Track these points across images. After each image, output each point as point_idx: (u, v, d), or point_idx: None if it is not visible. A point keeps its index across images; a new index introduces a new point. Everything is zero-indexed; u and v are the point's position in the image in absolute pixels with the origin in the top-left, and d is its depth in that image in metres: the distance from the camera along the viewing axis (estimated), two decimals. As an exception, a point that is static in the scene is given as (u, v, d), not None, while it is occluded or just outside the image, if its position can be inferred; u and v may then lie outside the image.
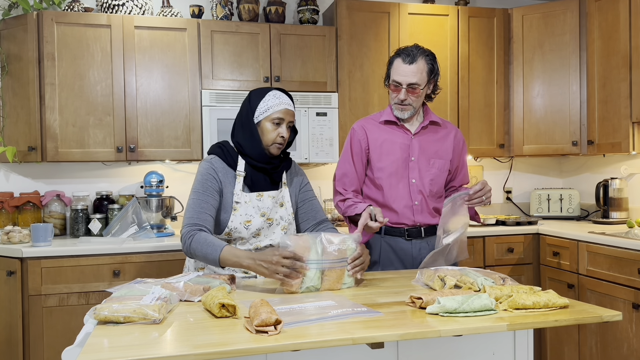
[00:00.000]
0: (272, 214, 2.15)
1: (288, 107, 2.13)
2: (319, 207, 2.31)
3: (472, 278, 1.84)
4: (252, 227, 2.11)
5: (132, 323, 1.47)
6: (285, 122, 2.12)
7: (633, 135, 3.29)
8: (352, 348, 1.61)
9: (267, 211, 2.13)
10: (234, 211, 2.10)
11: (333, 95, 3.55)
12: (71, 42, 3.23)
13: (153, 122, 3.35)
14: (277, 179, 2.19)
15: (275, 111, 2.10)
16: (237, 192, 2.11)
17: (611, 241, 2.95)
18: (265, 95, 2.14)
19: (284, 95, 2.16)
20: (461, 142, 2.52)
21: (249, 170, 2.13)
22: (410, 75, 2.30)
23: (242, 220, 2.10)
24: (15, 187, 3.50)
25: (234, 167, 2.14)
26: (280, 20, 3.63)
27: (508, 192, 4.29)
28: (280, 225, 2.18)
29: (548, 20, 3.78)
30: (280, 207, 2.19)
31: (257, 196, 2.13)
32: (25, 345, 2.89)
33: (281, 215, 2.18)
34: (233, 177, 2.13)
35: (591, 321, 1.57)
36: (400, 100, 2.35)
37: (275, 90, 2.16)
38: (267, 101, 2.12)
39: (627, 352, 2.87)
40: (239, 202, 2.10)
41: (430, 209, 2.41)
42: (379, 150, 2.42)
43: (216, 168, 2.12)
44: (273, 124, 2.11)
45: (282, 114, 2.11)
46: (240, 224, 2.10)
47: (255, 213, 2.12)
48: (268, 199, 2.15)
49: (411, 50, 2.33)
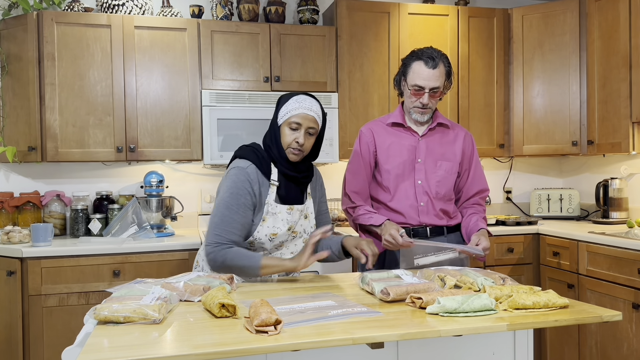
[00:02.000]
0: (296, 227, 2.13)
1: (307, 112, 2.05)
2: (329, 219, 2.30)
3: (472, 278, 1.84)
4: (277, 239, 2.08)
5: (132, 323, 1.47)
6: (304, 128, 2.04)
7: (633, 135, 3.29)
8: (352, 348, 1.61)
9: (294, 225, 2.10)
10: (263, 222, 2.05)
11: (333, 95, 3.55)
12: (71, 42, 3.23)
13: (153, 122, 3.35)
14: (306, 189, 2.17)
15: (293, 115, 2.04)
16: (271, 202, 2.06)
17: (611, 241, 2.95)
18: (290, 99, 2.09)
19: (308, 100, 2.08)
20: (471, 144, 2.50)
21: (282, 180, 2.08)
22: (433, 79, 2.30)
23: (268, 232, 2.05)
24: (15, 187, 3.50)
25: (268, 175, 2.08)
26: (280, 20, 3.63)
27: (508, 192, 4.29)
28: (303, 238, 2.15)
29: (548, 20, 3.78)
30: (305, 219, 2.15)
31: (288, 209, 2.08)
32: (25, 345, 2.89)
33: (304, 227, 2.15)
34: (267, 187, 2.07)
35: (591, 321, 1.57)
36: (423, 105, 2.33)
37: (301, 95, 2.10)
38: (289, 105, 2.07)
39: (627, 352, 2.87)
40: (268, 213, 2.05)
41: (436, 211, 2.40)
42: (386, 152, 2.42)
43: (252, 180, 2.04)
44: (290, 129, 2.05)
45: (300, 118, 2.04)
46: (265, 236, 2.05)
47: (282, 226, 2.07)
48: (297, 213, 2.11)
49: (432, 53, 2.30)
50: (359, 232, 2.47)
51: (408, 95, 2.37)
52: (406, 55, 2.41)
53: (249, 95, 3.40)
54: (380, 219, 2.33)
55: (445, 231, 2.44)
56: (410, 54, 2.38)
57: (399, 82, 2.42)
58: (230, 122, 3.37)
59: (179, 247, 3.05)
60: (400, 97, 2.49)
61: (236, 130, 3.38)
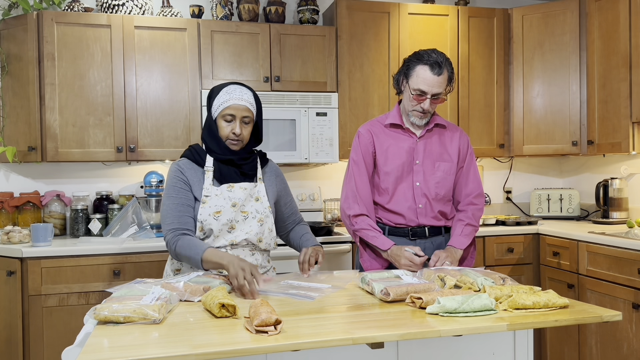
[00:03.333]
0: (246, 207, 2.12)
1: (239, 102, 2.08)
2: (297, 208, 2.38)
3: (472, 278, 1.84)
4: (223, 217, 2.07)
5: (132, 323, 1.47)
6: (238, 118, 2.09)
7: (633, 135, 3.29)
8: (352, 348, 1.61)
9: (238, 202, 2.10)
10: (203, 204, 2.07)
11: (333, 95, 3.55)
12: (71, 42, 3.23)
13: (153, 122, 3.35)
14: (248, 171, 2.17)
15: (225, 107, 2.08)
16: (207, 186, 2.09)
17: (611, 241, 2.95)
18: (220, 91, 2.12)
19: (238, 89, 2.12)
20: (466, 143, 2.47)
21: (217, 165, 2.12)
22: (437, 86, 2.27)
23: (211, 211, 2.07)
24: (15, 187, 3.50)
25: (203, 164, 2.13)
26: (280, 20, 3.63)
27: (508, 192, 4.29)
28: (257, 218, 2.13)
29: (548, 20, 3.78)
30: (256, 202, 2.15)
31: (228, 187, 2.11)
32: (25, 345, 2.89)
33: (256, 208, 2.14)
34: (202, 174, 2.12)
35: (591, 321, 1.57)
36: (424, 110, 2.31)
37: (231, 85, 2.13)
38: (220, 97, 2.11)
39: (627, 352, 2.87)
40: (209, 196, 2.08)
41: (435, 213, 2.39)
42: (385, 154, 2.39)
43: (183, 169, 2.11)
44: (225, 121, 2.09)
45: (233, 109, 2.08)
46: (209, 216, 2.06)
47: (226, 204, 2.08)
48: (240, 190, 2.12)
49: (438, 59, 2.26)
50: (358, 244, 2.44)
51: (408, 98, 2.34)
52: (410, 55, 2.36)
53: (249, 95, 3.40)
54: (386, 243, 2.31)
55: (443, 231, 2.44)
56: (415, 56, 2.32)
57: (399, 81, 2.38)
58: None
59: (179, 247, 3.05)
60: (398, 95, 2.45)
61: (236, 130, 3.37)
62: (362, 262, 2.44)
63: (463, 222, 2.40)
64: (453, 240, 2.36)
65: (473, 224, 2.41)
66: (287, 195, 2.33)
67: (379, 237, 2.34)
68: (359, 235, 2.39)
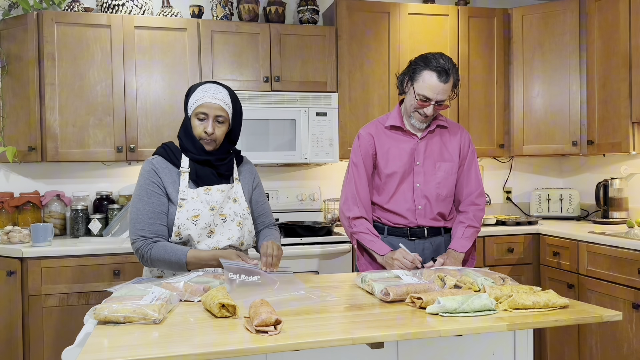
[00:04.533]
0: (224, 209, 2.08)
1: (212, 100, 2.04)
2: (269, 208, 2.30)
3: (472, 278, 1.84)
4: (201, 221, 2.02)
5: (132, 323, 1.47)
6: (211, 117, 2.04)
7: (633, 135, 3.29)
8: (352, 348, 1.61)
9: (216, 205, 2.05)
10: (180, 208, 2.01)
11: (333, 95, 3.55)
12: (71, 42, 3.23)
13: (153, 122, 3.35)
14: (225, 172, 2.12)
15: (198, 105, 2.05)
16: (183, 189, 2.04)
17: (611, 241, 2.95)
18: (196, 89, 2.09)
19: (213, 88, 2.08)
20: (467, 142, 2.45)
21: (193, 166, 2.07)
22: (442, 93, 2.25)
23: (189, 215, 2.01)
24: (15, 187, 3.50)
25: (178, 164, 2.07)
26: (280, 20, 3.63)
27: (508, 192, 4.29)
28: (235, 221, 2.09)
29: (548, 20, 3.78)
30: (234, 203, 2.11)
31: (205, 190, 2.06)
32: (25, 345, 2.89)
33: (235, 210, 2.10)
34: (177, 175, 2.06)
35: (591, 321, 1.57)
36: (426, 114, 2.30)
37: (207, 84, 2.10)
38: (195, 95, 2.08)
39: (627, 352, 2.87)
40: (185, 199, 2.02)
41: (434, 215, 2.38)
42: (385, 156, 2.38)
43: (157, 169, 2.05)
44: (198, 119, 2.06)
45: (206, 108, 2.04)
46: (187, 220, 2.00)
47: (203, 207, 2.03)
48: (217, 193, 2.07)
49: (445, 65, 2.23)
50: (356, 247, 2.44)
51: (412, 101, 2.31)
52: (416, 57, 2.32)
53: (248, 95, 3.40)
54: (383, 248, 2.30)
55: (442, 232, 2.44)
56: (422, 59, 2.28)
57: (403, 82, 2.35)
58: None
59: (179, 247, 3.05)
60: (400, 95, 2.44)
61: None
62: (359, 266, 2.45)
63: (464, 224, 2.38)
64: (454, 243, 2.34)
65: (474, 226, 2.39)
66: (260, 194, 2.26)
67: (377, 242, 2.33)
68: (356, 239, 2.38)
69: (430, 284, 1.78)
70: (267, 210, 2.28)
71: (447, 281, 1.81)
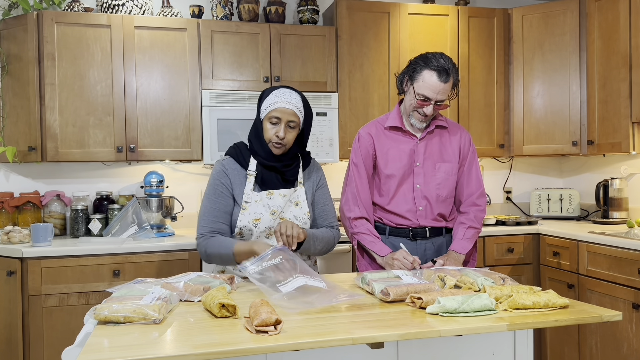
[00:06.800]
0: (285, 213, 2.14)
1: (286, 106, 2.09)
2: (332, 211, 2.28)
3: (472, 278, 1.84)
4: (261, 225, 2.11)
5: (132, 323, 1.47)
6: (283, 122, 2.09)
7: (633, 135, 3.29)
8: (352, 348, 1.61)
9: (277, 209, 2.12)
10: (243, 210, 2.11)
11: (333, 95, 3.55)
12: (71, 42, 3.23)
13: (153, 122, 3.35)
14: (290, 177, 2.18)
15: (272, 109, 2.09)
16: (248, 191, 2.12)
17: (611, 241, 2.95)
18: (270, 93, 2.14)
19: (287, 93, 2.12)
20: (467, 142, 2.44)
21: (260, 170, 2.14)
22: (442, 93, 2.25)
23: (250, 218, 2.10)
24: (15, 187, 3.50)
25: (246, 166, 2.15)
26: (280, 20, 3.63)
27: (508, 192, 4.29)
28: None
29: (548, 20, 3.78)
30: (295, 207, 2.17)
31: (268, 194, 2.12)
32: (25, 345, 2.89)
33: (295, 214, 2.16)
34: (244, 177, 2.15)
35: (591, 321, 1.57)
36: (426, 114, 2.29)
37: (281, 89, 2.14)
38: (269, 99, 2.12)
39: (627, 352, 2.87)
40: (249, 202, 2.11)
41: (435, 215, 2.38)
42: (385, 157, 2.38)
43: (227, 170, 2.15)
44: (271, 123, 2.10)
45: (279, 112, 2.09)
46: (249, 222, 2.10)
47: (265, 211, 2.11)
48: (279, 197, 2.13)
49: (445, 65, 2.22)
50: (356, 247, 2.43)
51: (411, 101, 2.31)
52: (416, 57, 2.31)
53: (249, 96, 3.40)
54: (383, 249, 2.30)
55: (444, 232, 2.43)
56: (422, 59, 2.27)
57: (403, 82, 2.34)
58: (230, 122, 3.37)
59: (179, 247, 3.05)
60: (399, 95, 2.43)
61: (236, 130, 3.38)
62: (359, 267, 2.45)
63: (465, 225, 2.37)
64: (455, 245, 2.34)
65: (475, 227, 2.38)
66: (322, 196, 2.27)
67: (377, 243, 2.33)
68: (357, 239, 2.38)
69: (430, 284, 1.78)
70: (327, 212, 2.27)
71: (447, 281, 1.81)
